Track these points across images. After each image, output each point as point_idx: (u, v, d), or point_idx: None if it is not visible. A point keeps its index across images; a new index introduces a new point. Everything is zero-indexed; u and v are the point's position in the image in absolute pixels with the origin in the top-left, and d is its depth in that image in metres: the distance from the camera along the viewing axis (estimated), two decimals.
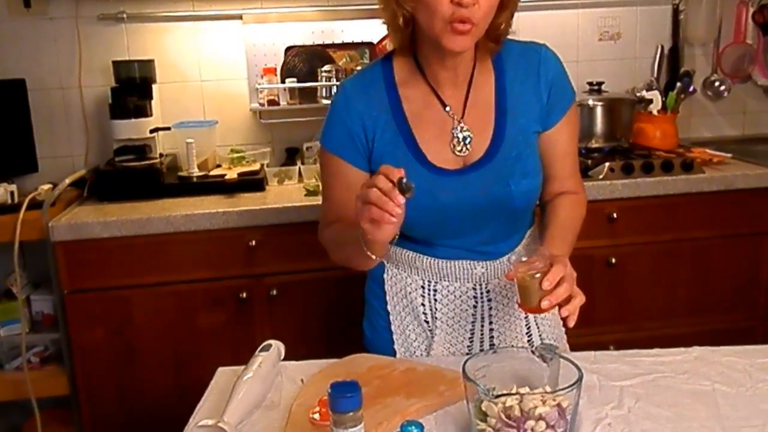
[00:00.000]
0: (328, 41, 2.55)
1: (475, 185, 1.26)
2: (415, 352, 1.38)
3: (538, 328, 1.39)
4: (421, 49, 1.28)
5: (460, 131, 1.27)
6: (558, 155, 1.33)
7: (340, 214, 1.29)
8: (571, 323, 1.09)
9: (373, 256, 1.15)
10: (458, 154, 1.28)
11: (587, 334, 1.69)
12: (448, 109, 1.28)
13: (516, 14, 1.30)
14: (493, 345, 1.36)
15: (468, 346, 1.37)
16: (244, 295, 2.10)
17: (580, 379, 0.98)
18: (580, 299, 1.09)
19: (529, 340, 1.38)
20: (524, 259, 1.14)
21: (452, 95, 1.29)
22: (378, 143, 1.28)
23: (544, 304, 1.08)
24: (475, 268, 1.33)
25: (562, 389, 0.98)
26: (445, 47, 1.18)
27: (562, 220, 1.31)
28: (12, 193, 2.16)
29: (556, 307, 1.41)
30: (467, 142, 1.27)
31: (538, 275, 1.09)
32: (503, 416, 0.96)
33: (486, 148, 1.27)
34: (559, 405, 0.96)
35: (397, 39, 1.27)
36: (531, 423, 0.95)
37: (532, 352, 1.09)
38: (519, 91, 1.29)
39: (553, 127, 1.31)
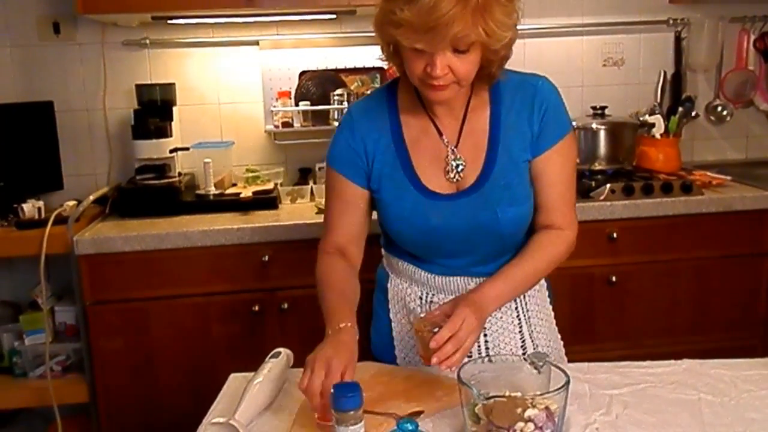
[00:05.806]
0: (340, 66, 2.63)
1: (465, 210, 1.32)
2: (414, 358, 1.43)
3: (532, 340, 1.43)
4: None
5: (454, 159, 1.33)
6: (545, 184, 1.33)
7: (338, 231, 1.39)
8: (444, 368, 1.14)
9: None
10: (451, 180, 1.33)
11: (588, 350, 1.74)
12: (444, 138, 1.34)
13: (522, 41, 1.33)
14: (489, 355, 1.38)
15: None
16: (257, 308, 2.17)
17: (567, 382, 1.04)
18: (460, 355, 1.13)
19: (524, 352, 1.41)
20: (422, 315, 1.18)
21: (448, 124, 1.35)
22: (378, 164, 1.35)
23: (433, 360, 1.12)
24: (469, 284, 1.37)
25: (550, 392, 1.04)
26: (426, 98, 1.28)
27: (524, 259, 1.32)
28: (39, 209, 2.26)
29: (553, 321, 1.48)
30: (460, 170, 1.33)
31: (436, 330, 1.14)
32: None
33: (477, 176, 1.32)
34: (547, 408, 1.02)
35: (398, 71, 1.34)
36: (520, 425, 1.00)
37: (524, 359, 1.15)
38: (513, 121, 1.32)
39: (542, 154, 1.32)
